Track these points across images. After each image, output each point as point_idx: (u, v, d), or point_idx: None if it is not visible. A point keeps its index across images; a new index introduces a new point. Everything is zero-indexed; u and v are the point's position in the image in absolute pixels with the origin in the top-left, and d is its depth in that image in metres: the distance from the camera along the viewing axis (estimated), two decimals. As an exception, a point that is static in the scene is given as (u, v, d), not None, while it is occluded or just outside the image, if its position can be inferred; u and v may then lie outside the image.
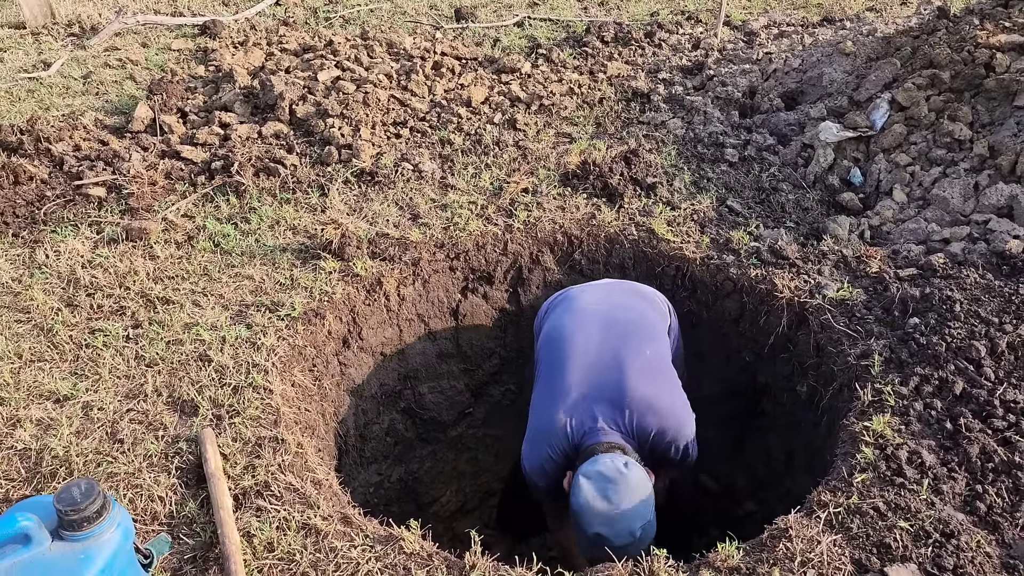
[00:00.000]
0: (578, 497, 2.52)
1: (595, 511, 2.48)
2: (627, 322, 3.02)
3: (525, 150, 4.36)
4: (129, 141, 4.39)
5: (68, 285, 3.34)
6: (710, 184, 4.04)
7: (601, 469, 2.53)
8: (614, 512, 2.47)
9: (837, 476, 2.50)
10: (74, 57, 5.65)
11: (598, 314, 3.04)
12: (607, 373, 2.80)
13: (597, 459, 2.57)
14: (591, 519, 2.49)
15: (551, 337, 3.02)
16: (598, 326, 2.97)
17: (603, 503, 2.48)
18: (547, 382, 2.91)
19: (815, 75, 4.67)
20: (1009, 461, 2.43)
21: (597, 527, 2.48)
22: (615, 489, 2.49)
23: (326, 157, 4.21)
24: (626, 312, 3.08)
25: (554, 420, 2.75)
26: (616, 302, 3.14)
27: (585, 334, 2.94)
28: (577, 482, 2.55)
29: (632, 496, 2.49)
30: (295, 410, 2.88)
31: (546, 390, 2.89)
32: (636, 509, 2.49)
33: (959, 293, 3.05)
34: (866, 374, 2.86)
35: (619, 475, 2.51)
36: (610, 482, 2.50)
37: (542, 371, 2.98)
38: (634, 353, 2.87)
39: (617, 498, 2.48)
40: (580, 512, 2.51)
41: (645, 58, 5.50)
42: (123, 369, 2.92)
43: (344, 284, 3.39)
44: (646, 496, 2.53)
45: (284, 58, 5.28)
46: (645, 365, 2.85)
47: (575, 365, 2.84)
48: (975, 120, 3.89)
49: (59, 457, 2.56)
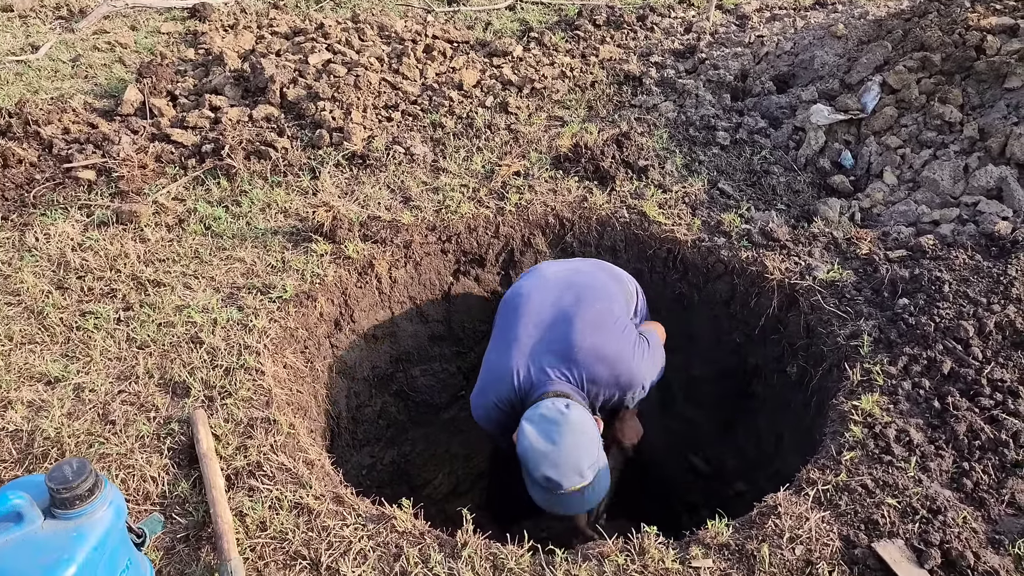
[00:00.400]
0: (522, 442, 2.57)
1: (539, 452, 2.52)
2: (583, 284, 3.07)
3: (517, 133, 4.35)
4: (119, 124, 4.36)
5: (58, 268, 3.33)
6: (701, 167, 4.04)
7: (543, 412, 2.58)
8: (559, 452, 2.51)
9: (826, 454, 2.52)
10: (62, 40, 5.61)
11: (558, 279, 3.10)
12: (557, 327, 2.86)
13: (539, 404, 2.63)
14: (537, 461, 2.53)
15: (508, 299, 3.10)
16: (555, 288, 3.04)
17: (546, 444, 2.52)
18: (499, 336, 2.97)
19: (807, 58, 4.67)
20: (995, 439, 2.45)
21: (544, 469, 2.51)
22: (557, 429, 2.53)
23: (317, 140, 4.20)
24: (585, 277, 3.13)
25: (503, 370, 2.81)
26: (579, 269, 3.21)
27: (541, 295, 3.00)
28: (521, 428, 2.60)
29: (575, 435, 2.53)
30: (287, 392, 2.88)
31: (497, 343, 2.96)
32: (580, 447, 2.53)
33: (948, 274, 3.06)
34: (855, 354, 2.88)
35: (560, 415, 2.55)
36: (552, 423, 2.54)
37: (496, 326, 3.05)
38: (584, 308, 2.92)
39: (559, 438, 2.52)
40: (526, 456, 2.56)
41: (637, 41, 5.49)
42: (114, 351, 2.92)
43: (336, 267, 3.39)
44: (590, 434, 2.57)
45: (275, 41, 5.25)
46: (593, 318, 2.89)
47: (527, 320, 2.91)
48: (965, 102, 3.90)
49: (51, 438, 2.56)
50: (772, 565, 2.16)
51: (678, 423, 3.97)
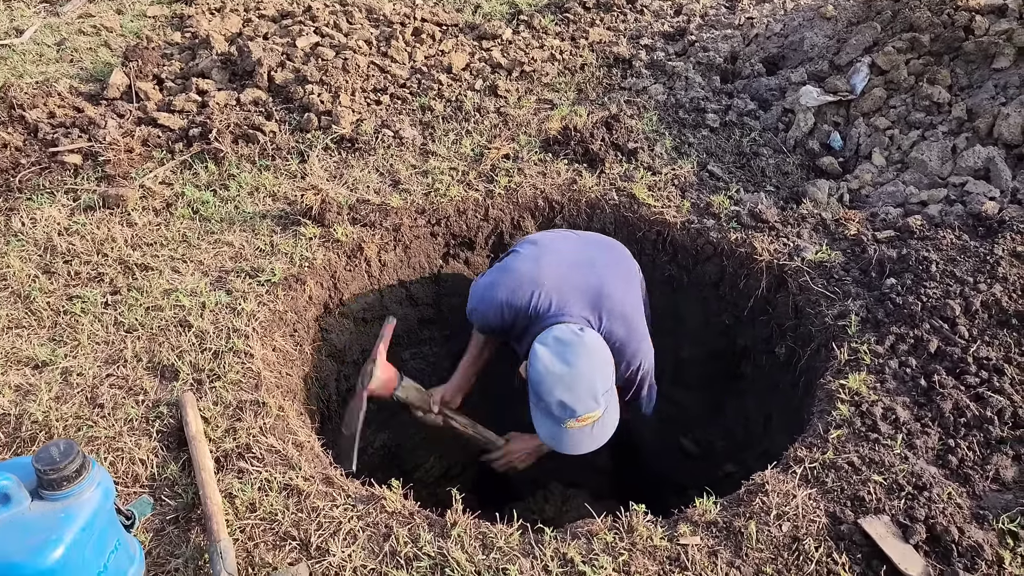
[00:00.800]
0: (535, 365, 2.49)
1: (554, 375, 2.45)
2: (602, 241, 3.08)
3: (506, 116, 4.34)
4: (105, 108, 4.33)
5: (45, 252, 3.31)
6: (691, 149, 4.04)
7: (556, 335, 2.52)
8: (574, 374, 2.44)
9: (813, 433, 2.54)
10: (47, 24, 5.55)
11: (579, 236, 3.08)
12: (590, 272, 2.79)
13: (551, 328, 2.57)
14: (552, 384, 2.45)
15: (527, 241, 2.99)
16: (580, 242, 3.01)
17: (561, 366, 2.45)
18: (523, 256, 2.85)
19: (796, 40, 4.67)
20: (981, 416, 2.47)
21: (558, 393, 2.44)
22: (573, 350, 2.47)
23: (305, 124, 4.18)
24: (606, 241, 3.14)
25: (527, 282, 2.72)
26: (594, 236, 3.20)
27: (569, 244, 2.95)
28: (534, 351, 2.52)
29: (591, 357, 2.48)
30: (276, 375, 2.88)
31: (521, 261, 2.83)
32: (596, 369, 2.48)
33: (935, 254, 3.08)
34: (843, 334, 2.89)
35: (575, 337, 2.50)
36: (566, 344, 2.48)
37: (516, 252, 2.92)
38: (615, 270, 2.90)
39: (575, 359, 2.45)
40: (539, 380, 2.48)
41: (627, 24, 5.47)
42: (102, 335, 2.91)
43: (324, 250, 3.38)
44: (606, 357, 2.53)
45: (262, 24, 5.21)
46: (623, 283, 2.87)
47: (556, 256, 2.82)
48: (954, 83, 3.90)
49: (39, 422, 2.55)
50: (759, 542, 2.18)
51: (667, 405, 3.97)
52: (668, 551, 2.19)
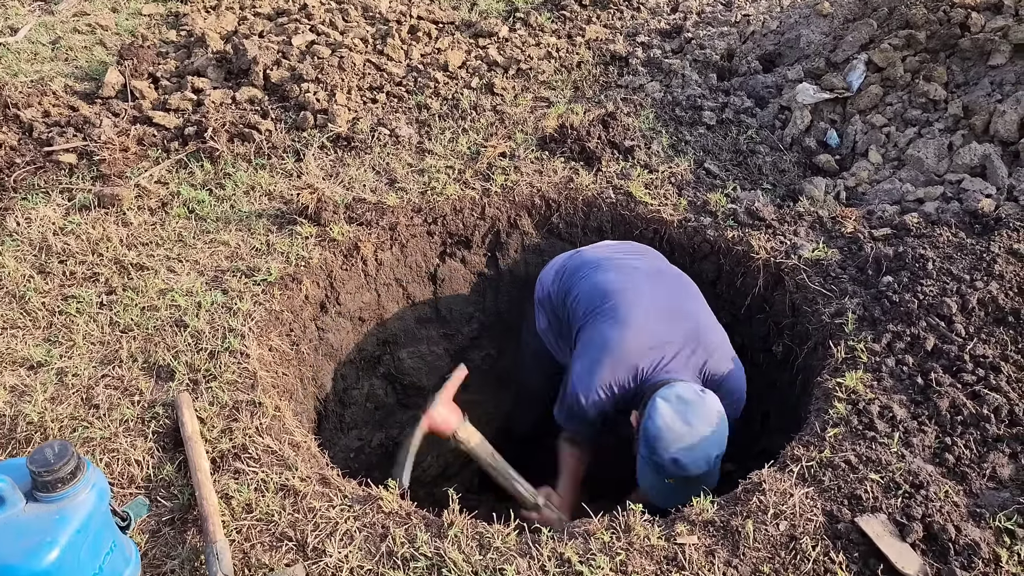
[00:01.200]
0: (655, 420, 2.45)
1: (675, 433, 2.42)
2: (677, 276, 3.02)
3: (503, 114, 4.33)
4: (100, 107, 4.31)
5: (40, 252, 3.30)
6: (688, 147, 4.04)
7: (680, 392, 2.48)
8: (694, 434, 2.42)
9: (810, 431, 2.53)
10: (42, 22, 5.52)
11: (644, 267, 2.98)
12: (680, 319, 2.76)
13: (674, 385, 2.52)
14: (669, 443, 2.42)
15: (598, 291, 2.87)
16: (653, 278, 2.92)
17: (682, 426, 2.42)
18: (612, 320, 2.75)
19: (792, 37, 4.66)
20: (977, 414, 2.47)
21: (675, 452, 2.41)
22: (694, 411, 2.44)
23: (301, 122, 4.17)
24: (669, 268, 3.08)
25: (626, 352, 2.67)
26: (652, 256, 3.13)
27: (647, 285, 2.86)
28: (654, 404, 2.47)
29: (711, 419, 2.46)
30: (272, 375, 2.87)
31: (613, 325, 2.74)
32: (715, 432, 2.46)
33: (932, 251, 3.08)
34: (840, 332, 2.89)
35: (698, 398, 2.48)
36: (689, 404, 2.45)
37: (600, 313, 2.81)
38: (699, 305, 2.88)
39: (696, 420, 2.43)
40: (657, 436, 2.44)
41: (623, 21, 5.46)
42: (97, 335, 2.90)
43: (321, 249, 3.37)
44: (723, 422, 2.51)
45: (257, 22, 5.19)
46: (709, 317, 2.87)
47: (645, 309, 2.75)
48: (950, 80, 3.90)
49: (34, 423, 2.54)
50: (756, 541, 2.18)
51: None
52: (665, 550, 2.18)
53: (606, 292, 2.85)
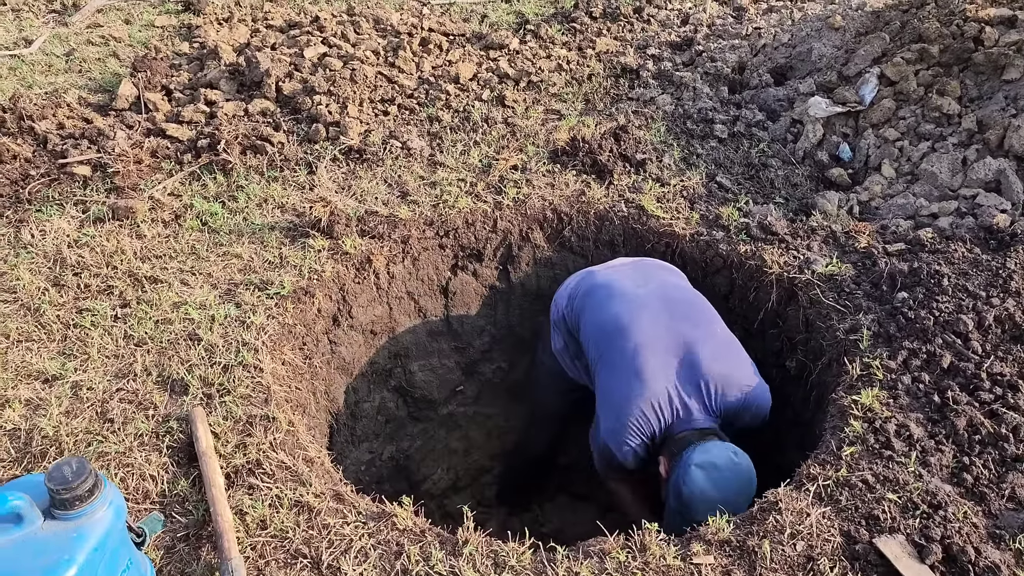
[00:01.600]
0: (692, 487, 2.53)
1: (710, 500, 2.49)
2: (684, 302, 3.00)
3: (514, 127, 4.33)
4: (113, 119, 4.33)
5: (54, 265, 3.31)
6: (699, 160, 4.03)
7: (715, 460, 2.55)
8: (727, 500, 2.49)
9: (826, 450, 2.52)
10: (56, 34, 5.56)
11: (650, 296, 2.97)
12: (685, 356, 2.78)
13: (708, 449, 2.58)
14: (703, 508, 2.48)
15: (608, 328, 2.92)
16: (657, 308, 2.91)
17: (716, 493, 2.51)
18: (622, 372, 2.80)
19: (804, 50, 4.66)
20: (995, 433, 2.45)
21: (707, 514, 2.43)
22: (728, 479, 2.53)
23: (313, 135, 4.18)
24: (676, 291, 3.06)
25: (641, 415, 2.71)
26: (661, 281, 3.10)
27: (648, 318, 2.87)
28: (688, 472, 2.55)
29: (742, 485, 2.56)
30: (286, 388, 2.87)
31: (623, 377, 2.79)
32: (747, 495, 2.54)
33: (947, 267, 3.06)
34: (855, 348, 2.87)
35: (733, 464, 2.55)
36: (722, 471, 2.54)
37: (611, 360, 2.87)
38: (706, 333, 2.87)
39: (730, 487, 2.53)
40: (691, 502, 2.54)
41: (634, 34, 5.47)
42: (112, 348, 2.91)
43: (333, 262, 3.38)
44: (753, 481, 2.59)
45: (270, 34, 5.22)
46: (718, 343, 2.86)
47: (648, 352, 2.78)
48: (963, 94, 3.89)
49: (49, 437, 2.55)
50: (773, 561, 2.17)
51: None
52: (681, 571, 2.17)
53: (614, 331, 2.88)
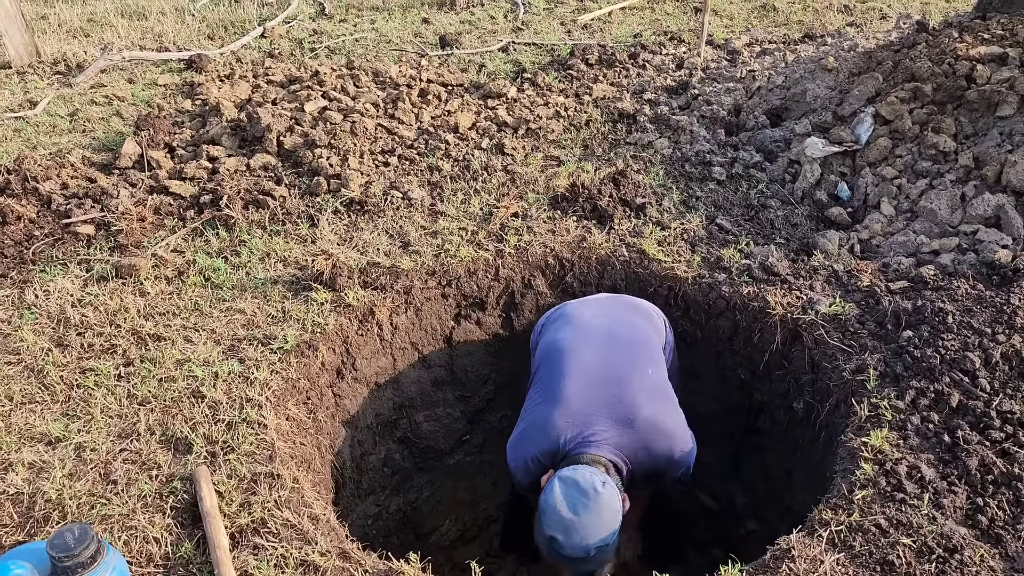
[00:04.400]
0: (547, 496, 2.53)
1: (559, 516, 2.48)
2: (629, 340, 3.02)
3: (514, 174, 4.37)
4: (117, 178, 4.38)
5: (58, 325, 3.32)
6: (699, 203, 4.06)
7: (579, 479, 2.52)
8: (575, 523, 2.47)
9: (837, 493, 2.48)
10: (60, 95, 5.66)
11: (599, 328, 3.04)
12: (612, 389, 2.79)
13: (578, 468, 2.57)
14: (551, 522, 2.49)
15: (551, 349, 3.02)
16: (600, 341, 2.98)
17: (568, 512, 2.47)
18: (545, 389, 2.89)
19: (799, 91, 4.71)
20: (1008, 473, 2.42)
21: (554, 531, 2.48)
22: (584, 503, 2.48)
23: (315, 187, 4.21)
24: (627, 329, 3.08)
25: (550, 425, 2.75)
26: (616, 318, 3.15)
27: (588, 348, 2.94)
28: (552, 482, 2.56)
29: (598, 516, 2.49)
30: (290, 444, 2.85)
31: (544, 396, 2.87)
32: (596, 528, 2.48)
33: (951, 304, 3.06)
34: (862, 389, 2.85)
35: (593, 491, 2.50)
36: (582, 494, 2.49)
37: (540, 378, 2.97)
38: (639, 372, 2.87)
39: (583, 512, 2.47)
40: (543, 511, 2.53)
41: (630, 79, 5.54)
42: (115, 408, 2.90)
43: (336, 315, 3.38)
44: (611, 519, 2.52)
45: (271, 90, 5.30)
46: (649, 385, 2.85)
47: (577, 377, 2.83)
48: (959, 131, 3.92)
49: (52, 501, 2.52)
50: (788, 611, 2.12)
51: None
52: (695, 623, 2.13)
53: (555, 353, 2.97)
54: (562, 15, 7.13)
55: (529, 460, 2.78)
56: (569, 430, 2.72)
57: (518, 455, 2.83)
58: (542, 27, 6.83)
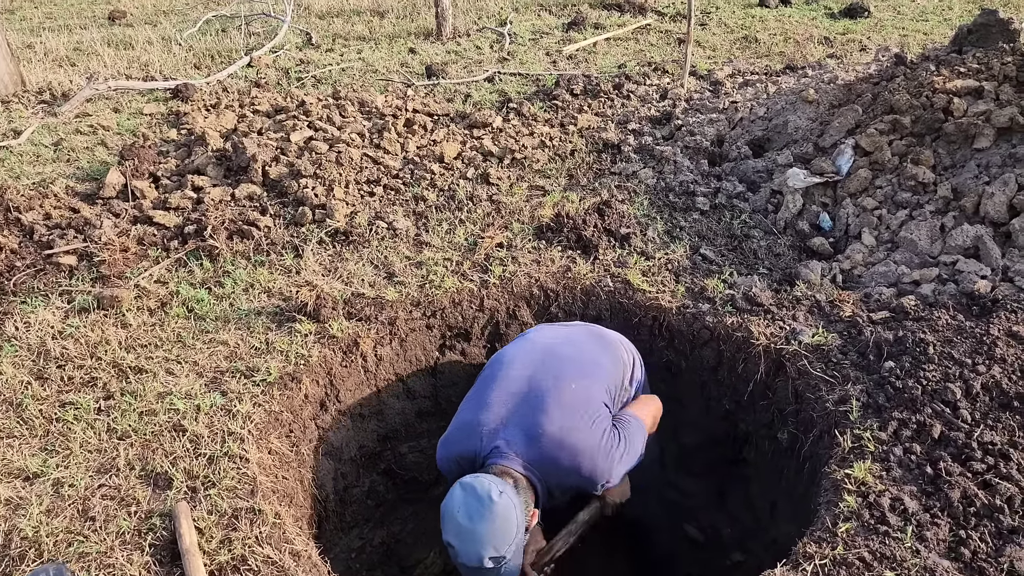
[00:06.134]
0: (447, 501, 2.55)
1: (455, 521, 2.49)
2: (564, 357, 3.03)
3: (499, 204, 4.39)
4: (100, 208, 4.37)
5: (38, 357, 3.29)
6: (683, 233, 4.08)
7: (476, 486, 2.53)
8: (469, 532, 2.47)
9: (821, 526, 2.48)
10: (45, 124, 5.65)
11: (541, 345, 3.09)
12: (527, 402, 2.83)
13: (480, 476, 2.57)
14: (447, 526, 2.51)
15: (494, 358, 3.10)
16: (536, 356, 3.02)
17: (463, 518, 2.48)
18: (475, 395, 2.98)
19: (780, 123, 4.77)
20: (990, 504, 2.43)
21: (450, 537, 2.50)
22: (479, 512, 2.48)
23: (300, 218, 4.22)
24: (569, 348, 3.09)
25: (470, 430, 2.81)
26: (569, 337, 3.17)
27: (521, 361, 3.00)
28: (455, 486, 2.57)
29: (491, 525, 2.47)
30: (272, 478, 2.83)
31: (471, 402, 2.95)
32: (490, 538, 2.47)
33: (931, 335, 3.08)
34: (845, 420, 2.86)
35: (488, 500, 2.49)
36: (479, 502, 2.49)
37: (476, 384, 3.05)
38: (559, 387, 2.87)
39: (477, 520, 2.47)
40: (442, 515, 2.55)
41: (614, 109, 5.60)
42: (94, 443, 2.86)
43: (320, 346, 3.36)
44: (505, 529, 2.50)
45: (256, 120, 5.31)
46: (565, 400, 2.84)
47: (501, 389, 2.90)
48: (937, 163, 3.97)
49: (28, 538, 2.48)
50: (773, 647, 2.11)
51: (671, 492, 3.92)
52: (679, 660, 2.11)
53: (493, 361, 3.08)
54: (547, 46, 7.20)
55: (452, 460, 2.84)
56: (485, 438, 2.77)
57: (443, 454, 2.89)
58: (527, 57, 6.90)
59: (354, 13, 8.44)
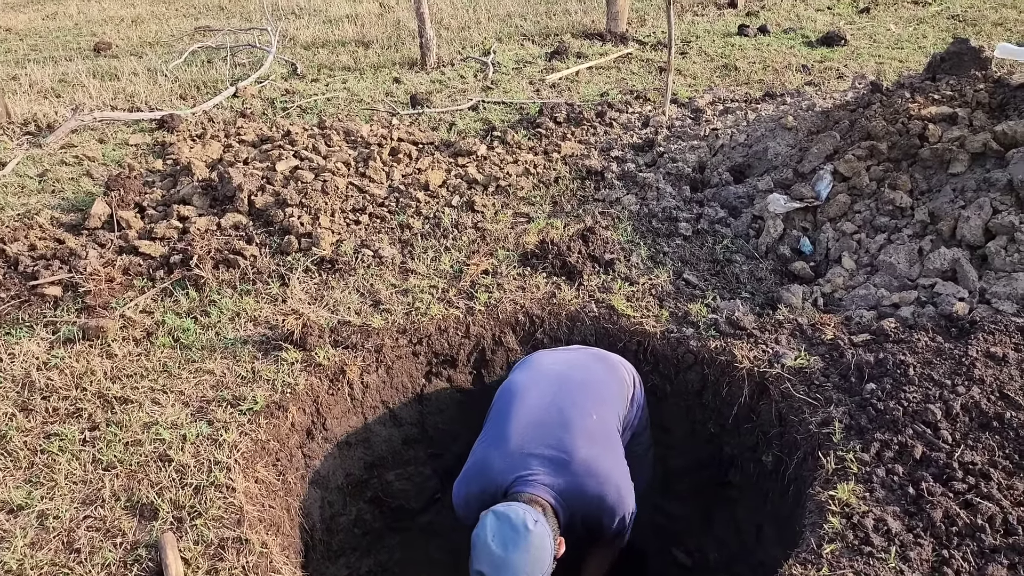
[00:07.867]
0: (479, 531, 2.53)
1: (488, 551, 2.47)
2: (579, 382, 3.05)
3: (484, 231, 4.43)
4: (86, 238, 4.37)
5: (23, 389, 3.28)
6: (666, 258, 4.13)
7: (511, 515, 2.52)
8: (504, 562, 2.45)
9: (807, 548, 2.50)
10: (30, 156, 5.65)
11: (552, 372, 3.10)
12: (551, 429, 2.83)
13: (512, 505, 2.57)
14: (480, 556, 2.49)
15: (504, 390, 3.09)
16: (550, 383, 3.03)
17: (497, 548, 2.46)
18: (491, 429, 2.96)
19: (760, 149, 4.85)
20: (972, 524, 2.46)
21: (482, 566, 2.47)
22: (514, 541, 2.47)
23: (286, 246, 4.23)
24: (580, 372, 3.12)
25: (489, 464, 2.80)
26: (575, 362, 3.20)
27: (537, 390, 2.99)
28: (484, 517, 2.55)
29: (527, 554, 2.47)
30: (259, 508, 2.82)
31: (488, 435, 2.94)
32: (524, 566, 2.47)
33: (912, 357, 3.12)
34: (828, 441, 2.89)
35: (524, 529, 2.49)
36: (514, 531, 2.48)
37: (490, 418, 3.04)
38: (582, 415, 2.89)
39: (512, 550, 2.46)
40: (474, 545, 2.52)
41: (597, 137, 5.67)
42: (79, 474, 2.85)
43: (307, 374, 3.37)
44: (540, 559, 2.51)
45: (242, 149, 5.34)
46: (590, 428, 2.87)
47: (520, 417, 2.89)
48: (914, 188, 4.05)
49: (12, 571, 2.47)
50: (760, 670, 2.12)
51: (658, 516, 3.93)
52: None
53: (506, 392, 3.06)
54: (530, 74, 7.29)
55: (471, 498, 2.81)
56: (507, 471, 2.75)
57: (459, 493, 2.87)
58: (511, 86, 6.98)
59: (339, 44, 8.52)
